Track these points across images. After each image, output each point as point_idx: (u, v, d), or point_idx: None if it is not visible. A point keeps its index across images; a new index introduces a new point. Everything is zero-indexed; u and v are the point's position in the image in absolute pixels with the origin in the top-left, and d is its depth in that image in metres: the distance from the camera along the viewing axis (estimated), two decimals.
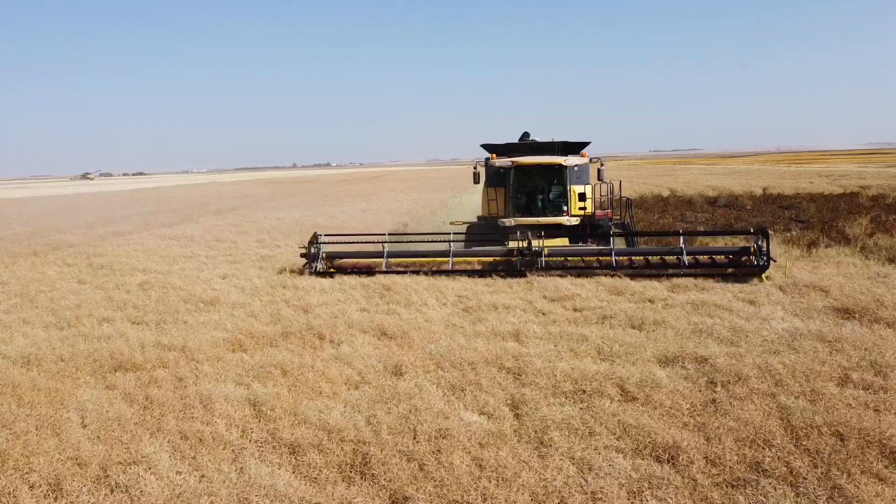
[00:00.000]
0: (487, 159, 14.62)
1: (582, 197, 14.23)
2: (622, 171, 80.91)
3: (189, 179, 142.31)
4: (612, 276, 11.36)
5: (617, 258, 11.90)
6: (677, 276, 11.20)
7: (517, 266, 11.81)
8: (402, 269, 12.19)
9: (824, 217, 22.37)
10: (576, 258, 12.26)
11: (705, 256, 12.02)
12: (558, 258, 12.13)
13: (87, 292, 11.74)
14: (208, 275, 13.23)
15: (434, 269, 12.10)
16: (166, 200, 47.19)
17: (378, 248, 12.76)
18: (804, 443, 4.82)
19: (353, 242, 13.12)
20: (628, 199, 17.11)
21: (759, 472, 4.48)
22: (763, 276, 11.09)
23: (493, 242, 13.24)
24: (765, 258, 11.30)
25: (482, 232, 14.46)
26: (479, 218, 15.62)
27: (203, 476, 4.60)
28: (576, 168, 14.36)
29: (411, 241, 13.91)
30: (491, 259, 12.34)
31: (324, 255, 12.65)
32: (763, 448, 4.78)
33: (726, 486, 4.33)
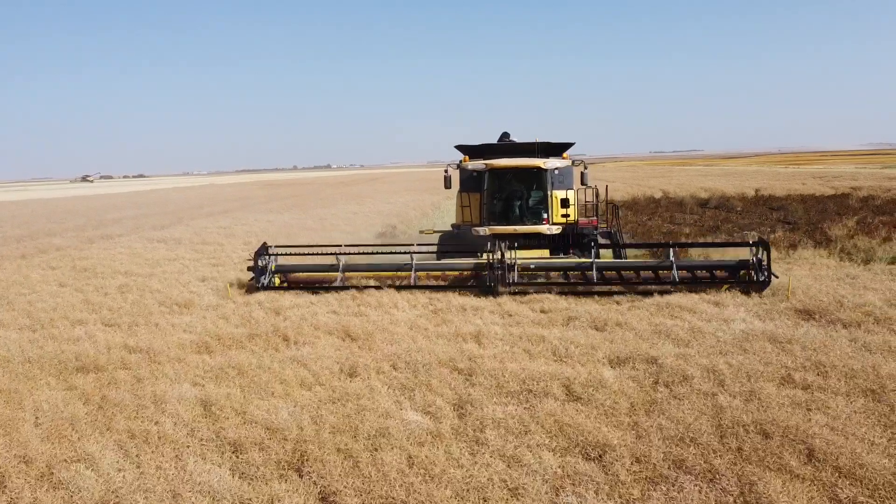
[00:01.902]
0: (461, 162, 13.52)
1: (564, 203, 12.98)
2: (621, 172, 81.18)
3: (188, 181, 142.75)
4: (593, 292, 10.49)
5: (600, 272, 10.93)
6: (667, 292, 10.35)
7: (487, 282, 10.82)
8: (359, 285, 11.29)
9: (811, 218, 22.49)
10: (555, 272, 11.32)
11: (703, 271, 11.16)
12: (536, 272, 11.23)
13: (65, 295, 11.89)
14: (188, 277, 13.38)
15: (396, 283, 11.22)
16: (161, 203, 47.42)
17: (335, 260, 11.74)
18: (728, 441, 4.96)
19: (309, 253, 12.16)
20: (615, 205, 15.96)
21: (680, 469, 4.62)
22: (762, 294, 10.22)
23: (466, 254, 12.11)
24: (765, 274, 10.36)
25: (454, 242, 13.41)
26: (452, 226, 14.47)
27: (142, 473, 4.75)
28: (557, 171, 13.20)
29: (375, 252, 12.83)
30: (457, 273, 11.45)
31: (273, 267, 11.67)
32: (688, 446, 4.92)
33: (646, 483, 4.47)
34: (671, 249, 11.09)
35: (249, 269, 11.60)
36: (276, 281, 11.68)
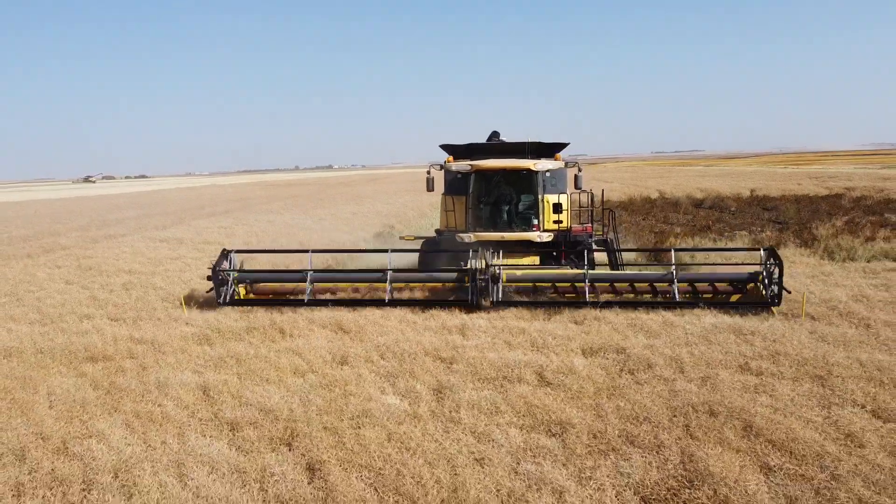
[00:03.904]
0: (445, 162, 12.60)
1: (557, 208, 12.03)
2: (620, 172, 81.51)
3: (190, 182, 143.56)
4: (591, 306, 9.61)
5: (593, 284, 10.01)
6: (670, 307, 9.53)
7: (470, 296, 9.96)
8: (329, 298, 10.54)
9: (802, 218, 22.93)
10: (545, 283, 10.41)
11: (704, 284, 10.11)
12: (524, 284, 10.39)
13: (72, 292, 12.42)
14: (190, 275, 13.89)
15: (367, 297, 10.51)
16: (163, 203, 48.01)
17: (306, 270, 10.64)
18: (677, 419, 5.48)
19: (275, 270, 11.27)
20: (612, 210, 14.79)
21: (630, 443, 5.14)
22: (773, 309, 9.34)
23: (450, 262, 11.37)
24: (776, 288, 9.39)
25: (437, 250, 12.54)
26: (437, 232, 13.46)
27: (148, 446, 5.29)
28: (548, 173, 12.33)
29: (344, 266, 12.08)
30: (439, 284, 10.63)
31: (234, 277, 10.65)
32: (641, 424, 5.44)
33: (598, 454, 4.99)
34: (673, 263, 10.12)
35: (209, 278, 10.51)
36: (242, 292, 10.75)
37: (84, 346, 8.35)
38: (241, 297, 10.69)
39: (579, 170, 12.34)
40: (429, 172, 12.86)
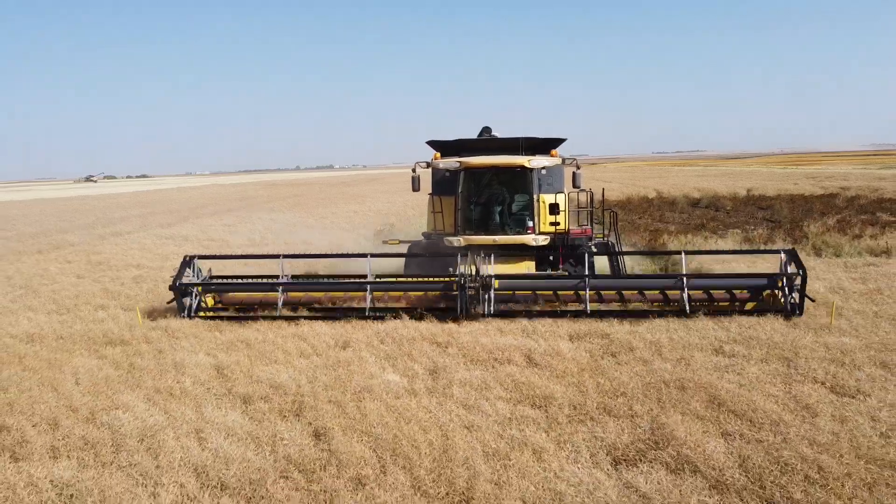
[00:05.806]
0: (432, 160, 11.53)
1: (553, 209, 11.07)
2: (619, 172, 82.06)
3: (191, 182, 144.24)
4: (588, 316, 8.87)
5: (594, 291, 9.29)
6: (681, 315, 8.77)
7: (458, 306, 9.05)
8: (303, 309, 9.67)
9: (795, 217, 23.43)
10: (544, 291, 9.58)
11: (721, 291, 9.25)
12: (521, 292, 9.59)
13: (85, 285, 12.98)
14: None
15: (344, 305, 9.69)
16: (166, 202, 48.63)
17: (279, 276, 9.82)
18: (651, 393, 6.01)
19: (246, 282, 10.28)
20: (613, 211, 13.79)
21: (607, 413, 5.67)
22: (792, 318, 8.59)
23: (438, 268, 10.21)
24: (798, 295, 8.69)
25: (424, 254, 11.67)
26: (424, 235, 12.53)
27: (170, 417, 5.82)
28: (544, 171, 11.39)
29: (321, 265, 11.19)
30: (423, 293, 9.60)
31: (198, 288, 9.74)
32: (618, 397, 5.97)
33: (577, 422, 5.52)
34: (682, 259, 9.31)
35: (171, 287, 9.49)
36: (210, 301, 9.95)
37: (102, 332, 8.90)
38: (209, 306, 9.89)
39: (577, 167, 11.44)
40: (414, 170, 11.64)
